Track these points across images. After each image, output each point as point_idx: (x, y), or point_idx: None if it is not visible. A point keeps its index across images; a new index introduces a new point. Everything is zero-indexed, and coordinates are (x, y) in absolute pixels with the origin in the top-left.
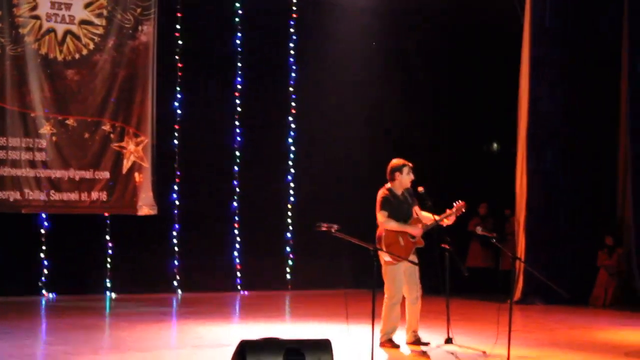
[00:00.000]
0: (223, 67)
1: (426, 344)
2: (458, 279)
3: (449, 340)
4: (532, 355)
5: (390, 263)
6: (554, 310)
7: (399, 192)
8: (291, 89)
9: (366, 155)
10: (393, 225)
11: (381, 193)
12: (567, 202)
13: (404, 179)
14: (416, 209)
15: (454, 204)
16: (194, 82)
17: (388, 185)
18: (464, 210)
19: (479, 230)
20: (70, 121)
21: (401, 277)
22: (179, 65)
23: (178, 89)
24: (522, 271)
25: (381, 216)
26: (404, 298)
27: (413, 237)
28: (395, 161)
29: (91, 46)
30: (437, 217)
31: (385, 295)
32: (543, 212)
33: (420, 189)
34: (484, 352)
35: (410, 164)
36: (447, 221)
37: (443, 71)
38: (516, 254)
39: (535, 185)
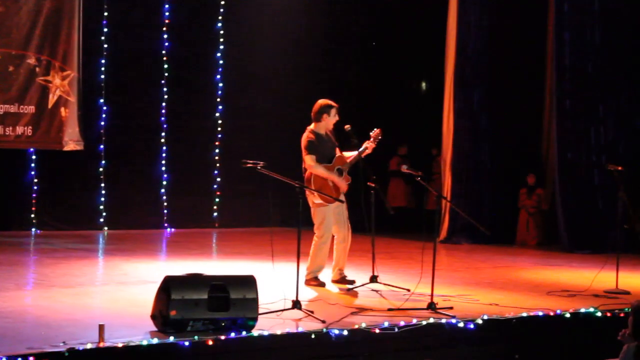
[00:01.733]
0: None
1: (351, 282)
2: (383, 217)
3: (373, 279)
4: (456, 294)
5: (321, 205)
6: (479, 249)
7: (322, 132)
8: (219, 24)
9: (293, 92)
10: (321, 171)
11: (305, 136)
12: (492, 142)
13: (330, 120)
14: (337, 150)
15: (370, 133)
16: (120, 14)
17: (312, 126)
18: (380, 137)
19: (404, 168)
20: None
21: (330, 217)
22: None
23: (104, 22)
24: (448, 210)
25: (309, 160)
26: (333, 237)
27: (340, 173)
28: (322, 102)
29: None
30: (358, 150)
31: (315, 235)
32: (468, 152)
33: (347, 127)
34: (408, 290)
35: (337, 105)
36: (368, 151)
37: (371, 10)
38: (442, 193)
39: (462, 124)
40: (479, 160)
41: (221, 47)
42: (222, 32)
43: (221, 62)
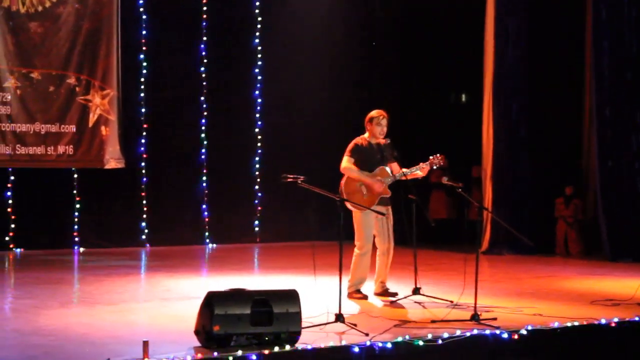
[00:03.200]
0: (188, 18)
1: (394, 294)
2: (425, 229)
3: (416, 291)
4: (499, 305)
5: (354, 209)
6: (521, 260)
7: (373, 142)
8: (257, 40)
9: (333, 106)
10: (354, 173)
11: (355, 140)
12: (531, 152)
13: (374, 129)
14: (393, 165)
15: (430, 156)
16: (159, 33)
17: (365, 134)
18: (442, 164)
19: (444, 180)
20: (34, 74)
21: (370, 226)
22: (144, 16)
23: (143, 41)
24: (489, 221)
25: (345, 161)
26: (375, 249)
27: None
28: (371, 112)
29: None
30: (405, 170)
31: (355, 247)
32: (509, 162)
33: (386, 140)
34: (452, 302)
35: (384, 114)
36: (421, 173)
37: (409, 21)
38: (483, 203)
39: (501, 135)
40: (519, 171)
41: (259, 62)
42: (259, 47)
43: (259, 77)
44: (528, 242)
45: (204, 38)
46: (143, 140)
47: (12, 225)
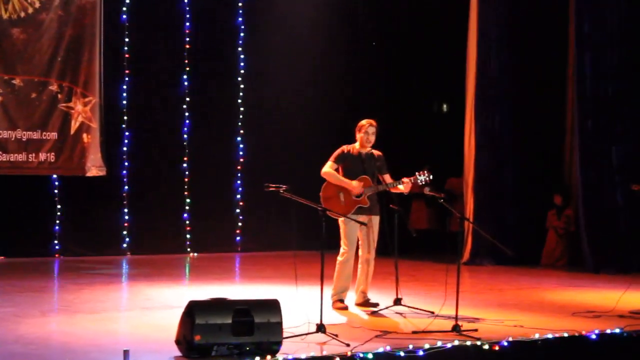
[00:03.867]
0: (171, 25)
1: (375, 304)
2: (406, 240)
3: (397, 301)
4: (480, 316)
5: (335, 217)
6: (503, 271)
7: (363, 151)
8: (240, 48)
9: (316, 115)
10: (332, 177)
11: (341, 147)
12: (514, 163)
13: (362, 138)
14: (385, 177)
15: (417, 172)
16: (142, 40)
17: (355, 144)
18: (429, 180)
19: (426, 190)
20: (16, 81)
21: (353, 232)
22: (126, 23)
23: (126, 48)
24: (471, 232)
25: (326, 166)
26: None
27: (358, 196)
28: (361, 121)
29: (37, 4)
30: (388, 182)
31: (339, 252)
32: (491, 173)
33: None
34: (433, 313)
35: (372, 123)
36: (402, 188)
37: (392, 32)
38: (464, 214)
39: (483, 145)
40: (502, 181)
41: (242, 71)
42: (242, 56)
43: (242, 86)
44: (508, 251)
45: (187, 46)
46: (125, 148)
47: None
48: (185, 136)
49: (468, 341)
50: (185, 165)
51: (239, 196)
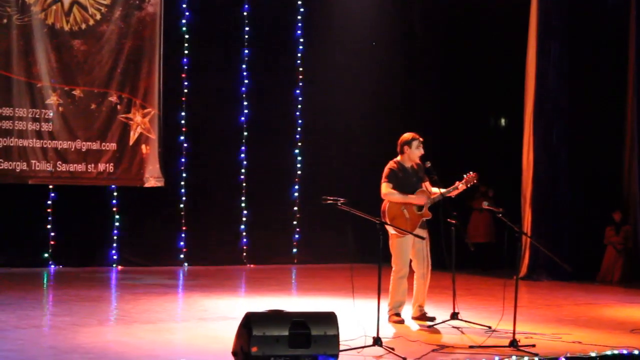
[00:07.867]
0: (230, 38)
1: (432, 318)
2: (464, 254)
3: (454, 315)
4: (538, 332)
5: (397, 236)
6: (560, 286)
7: (407, 165)
8: (298, 60)
9: (373, 128)
10: (396, 197)
11: (389, 165)
12: (572, 176)
13: (413, 153)
14: (427, 184)
15: (464, 175)
16: (201, 53)
17: (398, 158)
18: (475, 182)
19: (485, 205)
20: (76, 92)
21: (408, 250)
22: (186, 36)
23: (185, 60)
24: (528, 247)
25: (384, 187)
26: (412, 272)
27: (420, 208)
28: (406, 135)
29: (98, 17)
30: (442, 190)
31: (393, 269)
32: (549, 187)
33: (428, 164)
34: (490, 327)
35: (421, 138)
36: (457, 191)
37: (450, 45)
38: (522, 229)
39: (541, 159)
40: (559, 195)
41: (300, 84)
42: (300, 69)
43: (300, 99)
44: (567, 267)
45: (246, 59)
46: (183, 160)
47: (52, 242)
48: (243, 148)
49: (526, 357)
50: (242, 177)
51: (295, 208)
